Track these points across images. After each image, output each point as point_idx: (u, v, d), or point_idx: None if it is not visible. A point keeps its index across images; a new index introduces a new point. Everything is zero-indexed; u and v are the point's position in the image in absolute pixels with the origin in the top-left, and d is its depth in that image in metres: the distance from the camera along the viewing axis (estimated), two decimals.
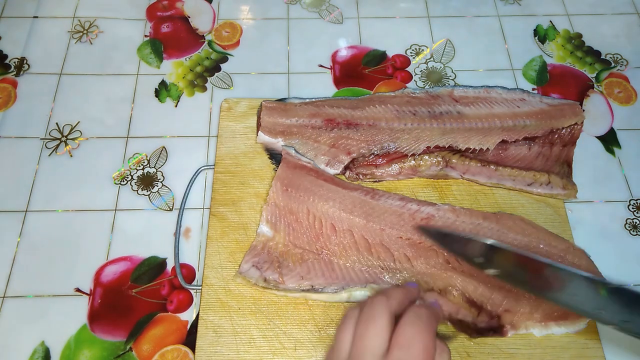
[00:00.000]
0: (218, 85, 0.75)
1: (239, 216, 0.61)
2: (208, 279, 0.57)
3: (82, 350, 0.56)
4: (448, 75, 0.76)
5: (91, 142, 0.69)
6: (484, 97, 0.67)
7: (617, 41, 0.81)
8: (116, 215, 0.64)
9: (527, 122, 0.64)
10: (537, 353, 0.54)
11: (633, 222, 0.66)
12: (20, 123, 0.70)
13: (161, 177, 0.67)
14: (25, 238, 0.62)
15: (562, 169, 0.65)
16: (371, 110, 0.65)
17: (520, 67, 0.78)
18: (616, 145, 0.71)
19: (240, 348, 0.53)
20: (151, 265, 0.61)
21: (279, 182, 0.59)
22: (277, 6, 0.82)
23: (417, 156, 0.63)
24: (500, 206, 0.63)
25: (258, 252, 0.57)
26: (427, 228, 0.56)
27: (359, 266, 0.56)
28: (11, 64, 0.75)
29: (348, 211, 0.58)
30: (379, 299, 0.42)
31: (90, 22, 0.79)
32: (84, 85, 0.74)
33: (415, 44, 0.79)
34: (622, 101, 0.75)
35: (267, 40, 0.79)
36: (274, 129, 0.64)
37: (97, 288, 0.60)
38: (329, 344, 0.53)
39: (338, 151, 0.63)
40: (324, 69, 0.76)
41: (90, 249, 0.62)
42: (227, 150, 0.65)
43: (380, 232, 0.57)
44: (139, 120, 0.71)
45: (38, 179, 0.66)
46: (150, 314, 0.58)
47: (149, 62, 0.76)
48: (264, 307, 0.56)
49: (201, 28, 0.80)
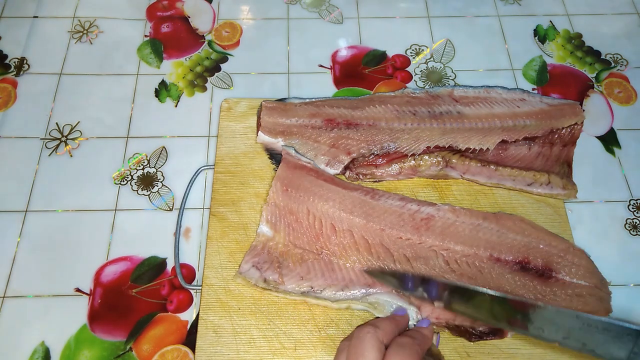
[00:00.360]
0: (218, 85, 0.75)
1: (239, 216, 0.61)
2: (208, 279, 0.57)
3: (82, 351, 0.56)
4: (448, 75, 0.76)
5: (91, 142, 0.69)
6: (484, 97, 0.67)
7: (617, 41, 0.81)
8: (116, 215, 0.64)
9: (527, 122, 0.64)
10: (537, 353, 0.54)
11: (633, 222, 0.66)
12: (20, 123, 0.70)
13: (161, 177, 0.67)
14: (25, 238, 0.62)
15: (562, 169, 0.65)
16: (371, 110, 0.65)
17: (520, 67, 0.78)
18: (616, 145, 0.71)
19: (240, 348, 0.53)
20: (151, 265, 0.61)
21: (278, 182, 0.59)
22: (277, 6, 0.82)
23: (417, 156, 0.63)
24: (500, 206, 0.63)
25: (258, 252, 0.57)
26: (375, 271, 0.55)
27: (359, 267, 0.56)
28: (11, 64, 0.75)
29: (348, 211, 0.58)
30: (368, 332, 0.45)
31: (90, 22, 0.80)
32: (84, 85, 0.74)
33: (415, 44, 0.79)
34: (622, 101, 0.75)
35: (267, 40, 0.79)
36: (274, 129, 0.64)
37: (97, 288, 0.60)
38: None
39: (338, 151, 0.63)
40: (324, 69, 0.76)
41: (90, 249, 0.62)
42: (227, 150, 0.65)
43: (380, 232, 0.57)
44: (139, 120, 0.71)
45: (38, 179, 0.66)
46: (150, 314, 0.58)
47: (149, 62, 0.76)
48: (264, 307, 0.56)
49: (201, 28, 0.80)
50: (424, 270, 0.55)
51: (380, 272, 0.54)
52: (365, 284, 0.55)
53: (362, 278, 0.55)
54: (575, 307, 0.55)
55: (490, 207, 0.63)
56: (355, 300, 0.54)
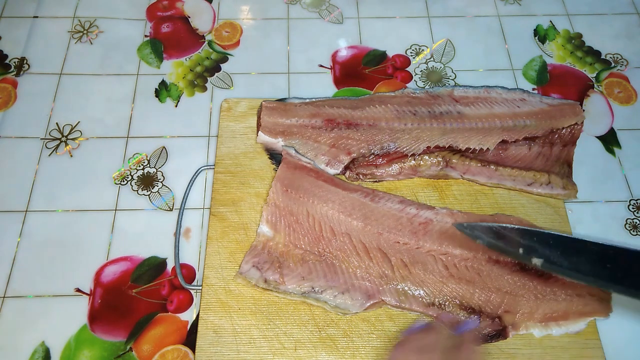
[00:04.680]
0: (218, 85, 0.75)
1: (239, 216, 0.61)
2: (208, 279, 0.57)
3: (82, 351, 0.56)
4: (448, 75, 0.76)
5: (91, 142, 0.69)
6: (484, 97, 0.67)
7: (617, 41, 0.81)
8: (116, 216, 0.64)
9: (527, 122, 0.64)
10: (537, 353, 0.54)
11: (633, 222, 0.66)
12: (20, 123, 0.70)
13: (161, 177, 0.67)
14: (25, 238, 0.62)
15: (562, 169, 0.65)
16: (371, 110, 0.65)
17: (520, 67, 0.78)
18: (616, 145, 0.71)
19: (240, 348, 0.53)
20: (151, 265, 0.61)
21: (279, 183, 0.59)
22: (277, 6, 0.82)
23: (417, 156, 0.63)
24: (501, 206, 0.63)
25: (258, 252, 0.57)
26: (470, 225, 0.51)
27: (360, 273, 0.56)
28: (11, 64, 0.75)
29: (347, 213, 0.58)
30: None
31: (90, 22, 0.79)
32: (84, 85, 0.74)
33: (415, 44, 0.79)
34: (622, 101, 0.75)
35: (267, 40, 0.79)
36: (274, 129, 0.64)
37: (97, 288, 0.60)
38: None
39: (338, 151, 0.63)
40: (324, 69, 0.76)
41: (90, 249, 0.62)
42: (227, 150, 0.65)
43: (378, 235, 0.57)
44: (139, 120, 0.71)
45: (38, 179, 0.66)
46: (151, 314, 0.58)
47: (149, 62, 0.76)
48: (264, 308, 0.56)
49: (201, 28, 0.80)
50: (422, 277, 0.55)
51: (470, 227, 0.50)
52: (365, 292, 0.55)
53: (363, 285, 0.55)
54: (575, 308, 0.55)
55: (490, 207, 0.63)
56: (354, 309, 0.54)
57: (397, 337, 0.53)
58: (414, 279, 0.55)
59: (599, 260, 0.42)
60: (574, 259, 0.43)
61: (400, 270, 0.55)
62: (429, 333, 0.49)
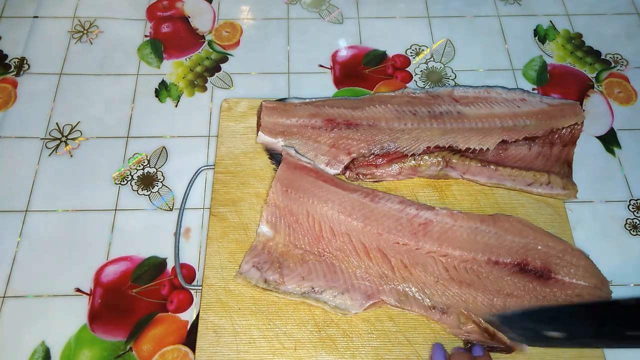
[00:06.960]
0: (218, 85, 0.75)
1: (239, 216, 0.61)
2: (208, 279, 0.57)
3: (82, 350, 0.56)
4: (448, 75, 0.76)
5: (91, 142, 0.69)
6: (484, 97, 0.67)
7: (617, 41, 0.81)
8: (116, 215, 0.64)
9: (527, 122, 0.64)
10: (537, 353, 0.54)
11: (633, 222, 0.66)
12: (20, 123, 0.70)
13: (161, 177, 0.67)
14: (25, 238, 0.62)
15: (562, 169, 0.65)
16: (371, 110, 0.65)
17: (520, 67, 0.78)
18: (616, 145, 0.71)
19: (240, 348, 0.54)
20: (151, 265, 0.61)
21: (279, 183, 0.59)
22: (277, 6, 0.82)
23: (417, 156, 0.63)
24: (501, 206, 0.63)
25: (258, 252, 0.57)
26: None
27: (360, 273, 0.56)
28: (11, 64, 0.75)
29: (347, 214, 0.58)
30: None
31: (90, 22, 0.79)
32: (84, 85, 0.74)
33: (415, 44, 0.79)
34: (622, 101, 0.75)
35: (267, 40, 0.79)
36: (274, 129, 0.64)
37: (97, 288, 0.60)
38: None
39: (338, 151, 0.63)
40: (324, 69, 0.76)
41: (90, 249, 0.62)
42: (227, 150, 0.65)
43: (378, 236, 0.57)
44: (139, 120, 0.71)
45: (38, 179, 0.66)
46: (151, 314, 0.59)
47: (149, 62, 0.76)
48: (264, 308, 0.56)
49: (201, 28, 0.80)
50: (423, 279, 0.55)
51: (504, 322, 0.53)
52: (365, 292, 0.55)
53: (363, 285, 0.55)
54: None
55: (490, 207, 0.63)
56: (354, 309, 0.54)
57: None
58: (415, 281, 0.55)
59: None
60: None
61: (400, 272, 0.55)
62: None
